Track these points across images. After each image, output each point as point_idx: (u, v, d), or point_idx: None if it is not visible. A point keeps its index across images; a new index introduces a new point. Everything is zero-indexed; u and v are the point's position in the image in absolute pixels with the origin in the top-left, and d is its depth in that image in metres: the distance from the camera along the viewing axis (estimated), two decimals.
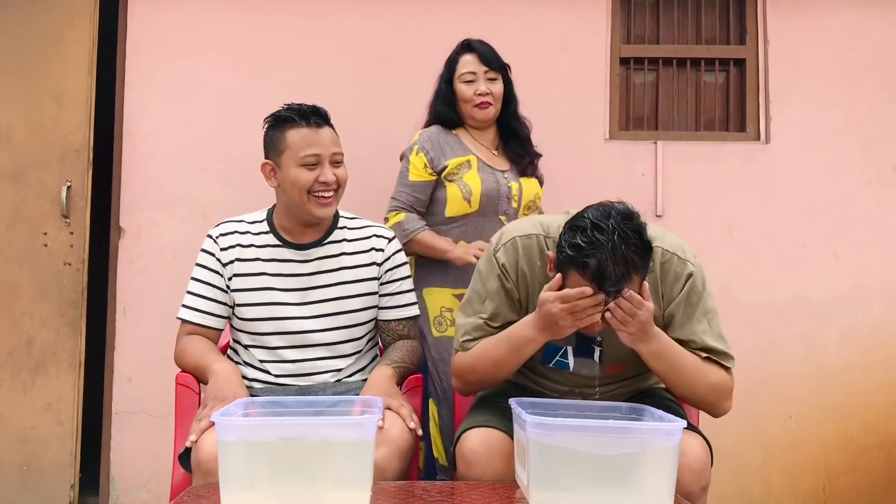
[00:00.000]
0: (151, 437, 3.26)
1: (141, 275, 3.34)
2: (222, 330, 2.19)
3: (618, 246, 1.66)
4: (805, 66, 3.44)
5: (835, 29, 3.44)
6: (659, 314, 1.90)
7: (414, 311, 2.27)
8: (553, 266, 1.83)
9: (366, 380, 2.13)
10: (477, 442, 1.86)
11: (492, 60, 2.76)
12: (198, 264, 2.17)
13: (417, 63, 3.21)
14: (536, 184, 2.83)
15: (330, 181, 2.07)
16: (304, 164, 2.06)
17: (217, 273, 2.15)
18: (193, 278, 2.17)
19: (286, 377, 2.14)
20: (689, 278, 1.90)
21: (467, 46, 2.80)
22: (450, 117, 2.80)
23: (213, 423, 1.58)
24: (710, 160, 3.41)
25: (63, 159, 3.31)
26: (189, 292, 2.16)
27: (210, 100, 3.40)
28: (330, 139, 2.10)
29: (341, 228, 2.21)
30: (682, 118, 3.54)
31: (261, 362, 2.15)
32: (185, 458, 1.94)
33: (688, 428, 1.61)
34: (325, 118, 2.13)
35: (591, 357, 1.98)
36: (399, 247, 2.27)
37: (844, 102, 3.42)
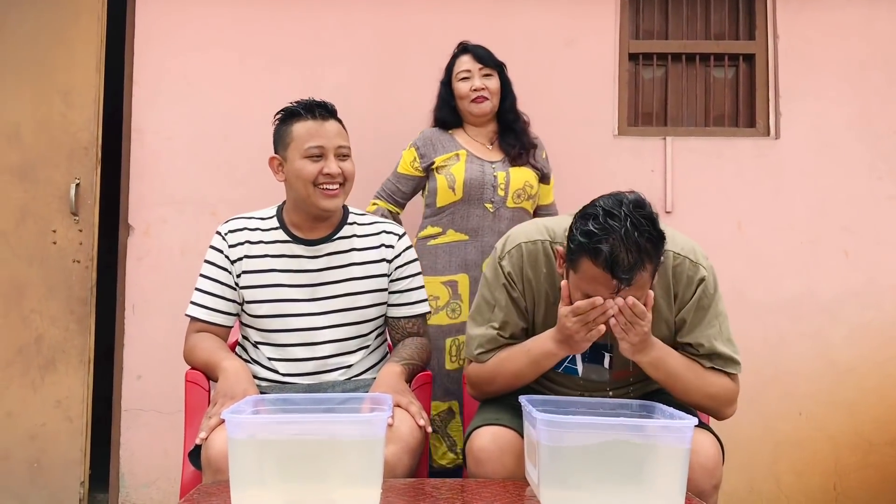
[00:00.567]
0: (161, 434, 3.27)
1: (150, 272, 3.34)
2: (231, 327, 2.18)
3: (630, 233, 1.64)
4: (815, 62, 3.42)
5: (844, 24, 3.42)
6: (671, 318, 1.91)
7: (424, 308, 2.27)
8: (562, 261, 1.82)
9: (375, 377, 2.12)
10: (487, 440, 1.86)
11: (486, 58, 2.86)
12: (206, 261, 2.17)
13: (425, 60, 3.20)
14: (529, 173, 2.83)
15: (334, 173, 2.07)
16: (309, 156, 2.07)
17: (226, 270, 2.14)
18: (202, 275, 2.16)
19: (295, 375, 2.13)
20: (702, 282, 1.89)
21: (463, 49, 2.90)
22: (451, 119, 2.90)
23: (223, 421, 1.58)
24: (720, 156, 3.40)
25: (71, 157, 3.32)
26: (197, 289, 2.16)
27: (218, 97, 3.40)
28: (335, 132, 2.10)
29: (351, 224, 2.21)
30: (692, 114, 3.52)
31: (269, 360, 2.15)
32: (195, 456, 1.94)
33: (699, 426, 1.60)
34: (332, 111, 2.13)
35: (601, 363, 1.98)
36: (409, 243, 2.26)
37: (854, 97, 3.40)
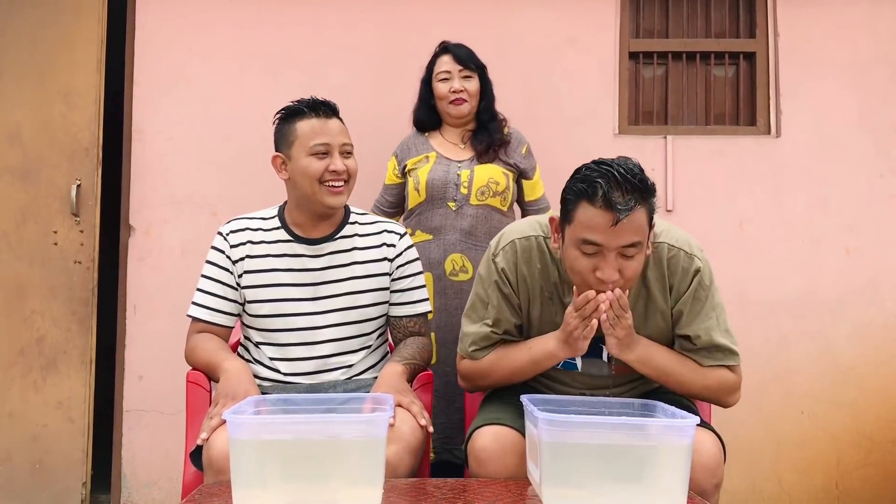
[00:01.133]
0: (162, 435, 3.27)
1: (151, 272, 3.35)
2: (232, 327, 2.18)
3: (623, 173, 1.72)
4: (815, 59, 3.42)
5: (845, 21, 3.42)
6: (667, 309, 1.92)
7: (425, 308, 2.27)
8: (557, 233, 1.85)
9: (376, 377, 2.12)
10: (489, 439, 1.86)
11: (466, 60, 2.86)
12: (208, 261, 2.17)
13: (426, 59, 3.17)
14: (496, 170, 2.82)
15: (340, 170, 2.08)
16: (315, 154, 2.08)
17: (227, 270, 2.14)
18: (203, 276, 2.16)
19: (296, 374, 2.13)
20: (697, 274, 1.90)
21: (444, 49, 2.91)
22: (429, 119, 2.93)
23: (225, 421, 1.58)
24: (721, 154, 3.40)
25: (72, 158, 3.32)
26: (199, 290, 2.16)
27: (219, 97, 3.40)
28: (339, 129, 2.12)
29: (353, 224, 2.22)
30: (692, 112, 3.52)
31: (271, 360, 2.15)
32: (197, 456, 1.94)
33: (701, 425, 1.60)
34: (334, 110, 2.15)
35: (600, 357, 1.98)
36: (410, 243, 2.27)
37: (855, 95, 3.40)
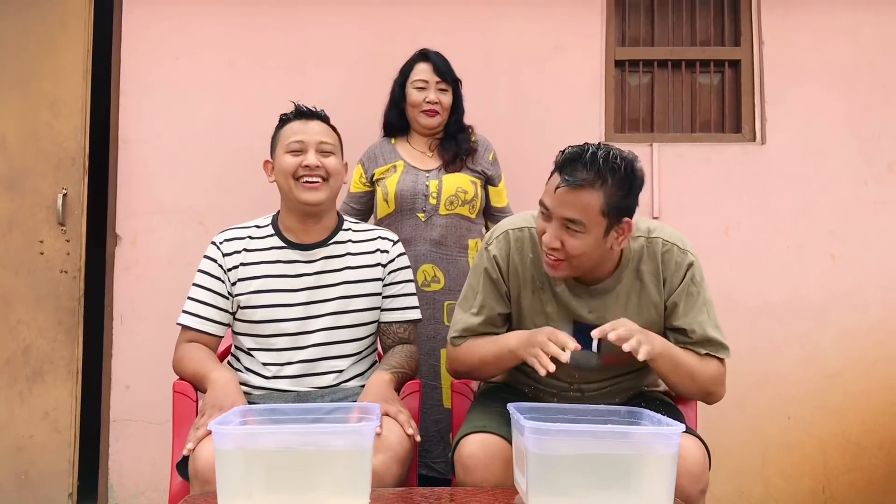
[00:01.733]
0: (149, 445, 3.25)
1: (138, 282, 3.33)
2: (222, 337, 2.19)
3: (597, 155, 1.77)
4: (800, 67, 3.44)
5: (829, 29, 3.45)
6: (660, 301, 1.96)
7: (416, 315, 2.28)
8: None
9: (364, 385, 2.13)
10: (476, 447, 1.86)
11: (445, 72, 2.86)
12: (200, 270, 2.18)
13: None
14: (464, 178, 2.83)
15: (312, 164, 2.11)
16: (290, 151, 2.14)
17: (219, 279, 2.16)
18: (195, 284, 2.17)
19: (288, 378, 2.14)
20: (690, 268, 1.95)
21: (424, 56, 2.89)
22: (398, 123, 2.93)
23: (211, 432, 1.57)
24: (706, 161, 3.41)
25: (58, 166, 3.31)
26: (190, 298, 2.17)
27: (205, 106, 3.39)
28: (317, 129, 2.17)
29: (346, 230, 2.25)
30: (678, 120, 3.54)
31: (263, 365, 2.15)
32: (183, 467, 1.93)
33: (686, 431, 1.61)
34: (318, 114, 2.20)
35: (590, 348, 1.98)
36: (402, 250, 2.30)
37: (840, 102, 3.43)
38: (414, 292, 2.30)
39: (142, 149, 3.37)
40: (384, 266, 2.23)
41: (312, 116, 2.19)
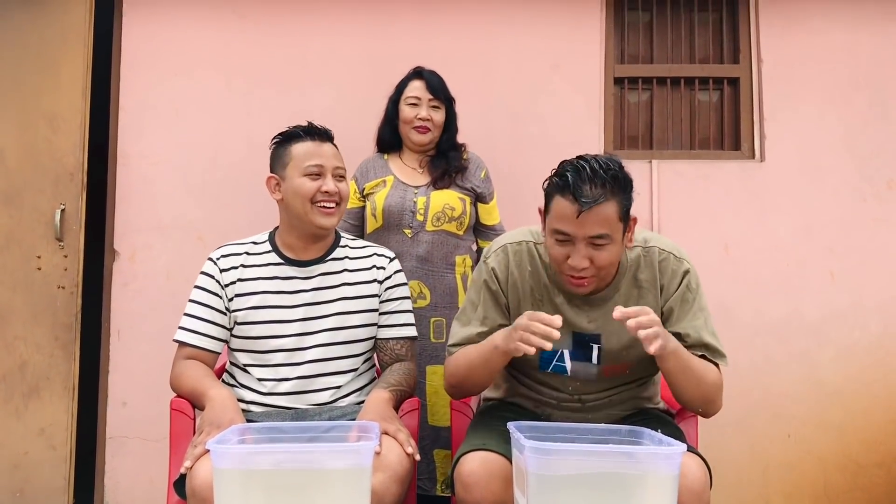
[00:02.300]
0: (146, 462, 3.24)
1: (135, 298, 3.33)
2: (219, 353, 2.18)
3: (596, 169, 1.80)
4: (798, 85, 3.45)
5: (827, 47, 3.46)
6: (657, 308, 1.97)
7: (412, 332, 2.28)
8: (544, 224, 1.92)
9: (362, 402, 2.12)
10: (476, 465, 1.85)
11: (438, 90, 2.88)
12: (197, 286, 2.18)
13: None
14: (452, 195, 2.84)
15: (332, 191, 2.13)
16: (308, 174, 2.13)
17: (216, 295, 2.15)
18: (192, 300, 2.17)
19: (285, 395, 2.13)
20: (686, 275, 1.98)
21: (418, 74, 2.92)
22: (391, 139, 2.95)
23: (209, 450, 1.56)
24: (705, 179, 3.42)
25: (57, 182, 3.31)
26: (187, 314, 2.16)
27: (204, 122, 3.40)
28: (332, 153, 2.18)
29: (343, 247, 2.25)
30: (677, 137, 3.55)
31: (260, 381, 2.14)
32: (181, 485, 1.92)
33: (686, 450, 1.60)
34: (329, 136, 2.22)
35: (589, 360, 2.00)
36: (399, 267, 2.30)
37: (838, 120, 3.44)
38: (410, 309, 2.30)
39: (140, 165, 3.38)
40: (381, 282, 2.24)
41: (326, 138, 2.19)
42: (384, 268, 2.25)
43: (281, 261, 2.19)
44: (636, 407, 2.12)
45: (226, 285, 2.15)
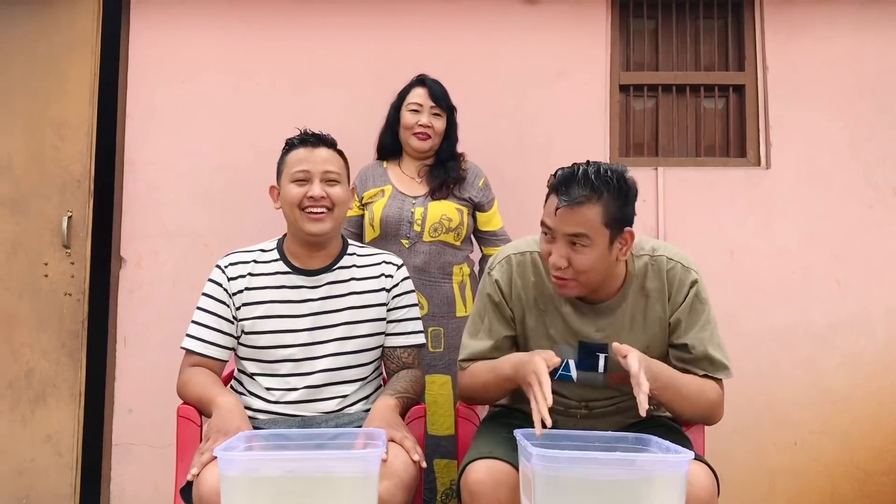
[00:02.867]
0: (152, 469, 3.24)
1: (142, 304, 3.33)
2: (226, 361, 2.18)
3: (588, 171, 1.82)
4: (804, 92, 3.45)
5: (832, 54, 3.46)
6: (665, 318, 1.98)
7: (420, 340, 2.27)
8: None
9: (368, 410, 2.12)
10: (482, 473, 1.84)
11: (440, 98, 2.89)
12: (204, 294, 2.17)
13: None
14: (449, 206, 2.85)
15: (316, 195, 2.10)
16: (295, 180, 2.13)
17: (223, 303, 2.15)
18: (199, 308, 2.16)
19: (292, 403, 2.13)
20: (694, 285, 1.98)
21: (421, 81, 2.93)
22: (391, 146, 2.96)
23: (216, 457, 1.56)
24: (711, 185, 3.42)
25: (64, 189, 3.32)
26: (194, 322, 2.16)
27: (211, 129, 3.41)
28: (323, 158, 2.15)
29: (351, 255, 2.24)
30: (683, 144, 3.55)
31: (267, 390, 2.14)
32: (187, 492, 1.91)
33: (694, 458, 1.60)
34: (324, 140, 2.18)
35: (596, 369, 2.01)
36: (407, 274, 2.29)
37: (844, 127, 3.44)
38: (418, 316, 2.29)
39: (147, 172, 3.39)
40: (388, 291, 2.23)
41: (319, 143, 2.16)
42: (392, 276, 2.24)
43: (288, 269, 2.18)
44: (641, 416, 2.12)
45: (233, 294, 2.15)
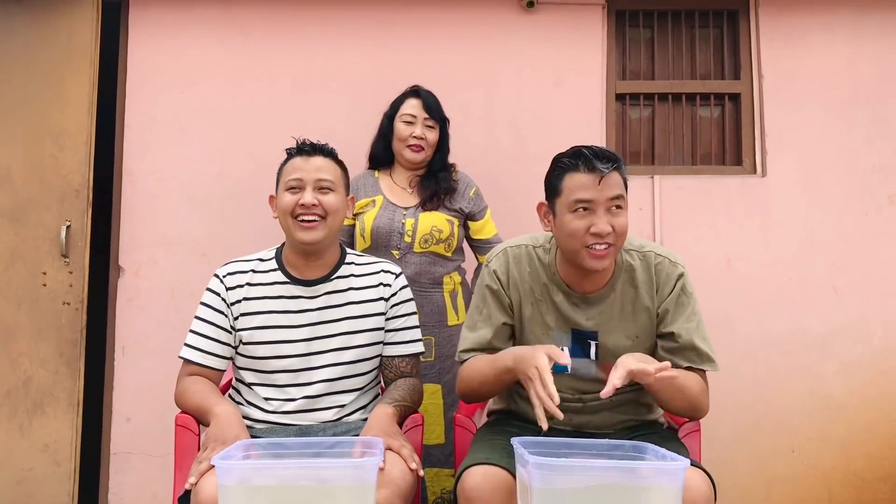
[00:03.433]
0: (150, 478, 3.24)
1: (140, 313, 3.34)
2: (224, 371, 2.18)
3: (595, 147, 1.99)
4: (799, 100, 3.47)
5: (827, 63, 3.48)
6: (653, 308, 2.05)
7: (418, 348, 2.28)
8: (546, 219, 2.06)
9: (366, 419, 2.12)
10: (479, 479, 1.85)
11: (433, 109, 2.90)
12: (202, 303, 2.18)
13: None
14: (439, 217, 2.86)
15: (307, 203, 2.11)
16: (289, 189, 2.14)
17: (222, 313, 2.15)
18: (197, 317, 2.17)
19: (290, 413, 2.13)
20: (680, 278, 2.06)
21: (415, 92, 2.94)
22: (383, 156, 2.97)
23: (213, 466, 1.57)
24: (707, 193, 3.43)
25: (63, 199, 3.32)
26: (192, 331, 2.16)
27: (209, 138, 3.42)
28: (317, 166, 2.15)
29: (349, 264, 2.24)
30: (679, 152, 3.56)
31: (266, 400, 2.14)
32: (185, 501, 1.91)
33: (691, 464, 1.60)
34: (321, 149, 2.19)
35: (588, 355, 2.06)
36: (405, 283, 2.29)
37: (839, 135, 3.45)
38: (416, 325, 2.30)
39: (145, 181, 3.40)
40: (387, 300, 2.23)
41: (315, 152, 2.17)
42: (390, 285, 2.24)
43: (287, 279, 2.18)
44: (636, 414, 2.15)
45: (231, 304, 2.15)
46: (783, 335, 3.36)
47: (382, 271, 2.26)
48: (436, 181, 2.89)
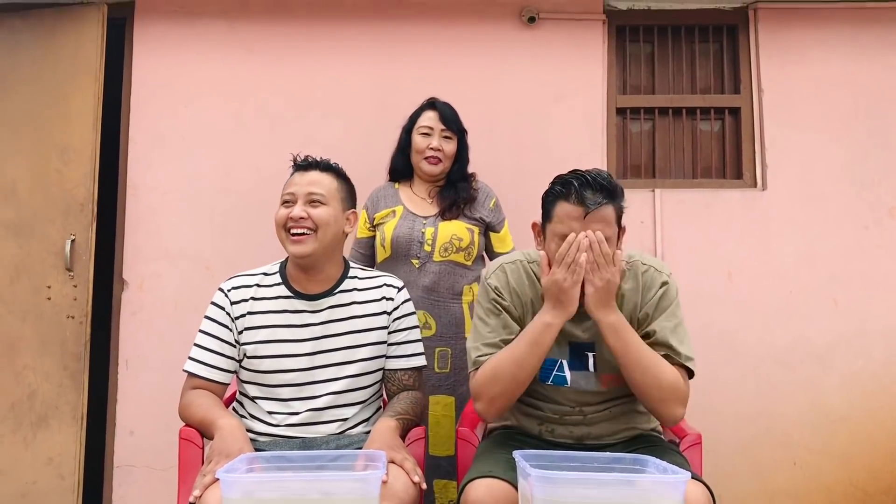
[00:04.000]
0: (153, 491, 3.24)
1: (144, 327, 3.35)
2: (228, 384, 2.19)
3: (592, 176, 1.97)
4: (799, 114, 3.49)
5: (827, 77, 3.50)
6: (636, 314, 2.06)
7: (420, 362, 2.29)
8: (539, 238, 2.07)
9: (369, 432, 2.12)
10: (482, 492, 1.85)
11: (450, 121, 2.92)
12: (207, 317, 2.19)
13: None
14: (459, 226, 2.87)
15: (296, 216, 2.11)
16: (283, 203, 2.17)
17: (226, 327, 2.16)
18: (202, 331, 2.18)
19: (293, 426, 2.14)
20: (664, 285, 2.07)
21: (432, 104, 2.96)
22: (403, 168, 2.99)
23: (218, 479, 1.58)
24: (708, 207, 3.45)
25: (67, 213, 3.34)
26: (196, 345, 2.17)
27: (213, 153, 3.45)
28: (310, 180, 2.16)
29: (352, 278, 2.25)
30: (679, 166, 3.58)
31: (269, 414, 2.15)
32: None
33: (691, 478, 1.61)
34: (316, 164, 2.20)
35: (586, 368, 2.06)
36: (408, 296, 2.30)
37: (839, 149, 3.47)
38: (419, 338, 2.30)
39: (150, 195, 3.42)
40: (389, 314, 2.24)
41: (310, 167, 2.19)
42: (392, 298, 2.25)
43: (290, 294, 2.19)
44: (634, 423, 2.15)
45: (236, 318, 2.17)
46: (784, 348, 3.36)
47: (385, 285, 2.27)
48: (455, 190, 2.91)
